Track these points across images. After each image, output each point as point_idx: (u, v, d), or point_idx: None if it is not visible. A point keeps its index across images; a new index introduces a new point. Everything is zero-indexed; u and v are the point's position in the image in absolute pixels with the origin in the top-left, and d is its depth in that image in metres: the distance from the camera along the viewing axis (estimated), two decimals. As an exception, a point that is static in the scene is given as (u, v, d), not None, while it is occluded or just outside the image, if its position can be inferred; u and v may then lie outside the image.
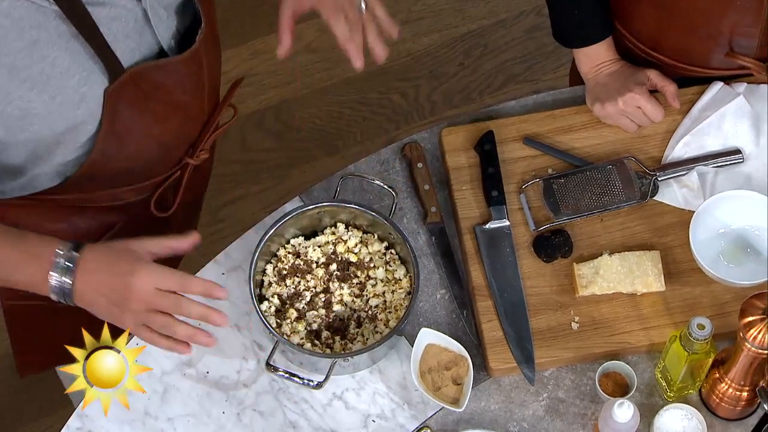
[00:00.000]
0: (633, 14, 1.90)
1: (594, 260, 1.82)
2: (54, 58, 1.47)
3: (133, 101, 1.58)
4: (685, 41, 1.88)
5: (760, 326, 1.55)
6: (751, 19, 1.79)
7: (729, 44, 1.86)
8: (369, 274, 1.82)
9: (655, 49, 1.92)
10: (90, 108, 1.55)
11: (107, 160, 1.64)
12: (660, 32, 1.89)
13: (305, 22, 3.10)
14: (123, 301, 1.52)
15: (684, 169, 1.88)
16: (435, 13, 3.14)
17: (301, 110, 3.04)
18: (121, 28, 1.52)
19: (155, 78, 1.59)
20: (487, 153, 1.91)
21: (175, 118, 1.69)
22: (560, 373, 1.80)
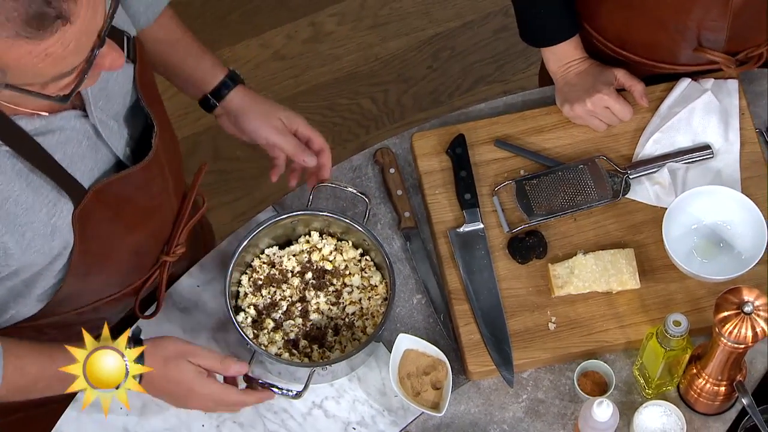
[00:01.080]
0: (599, 12, 1.90)
1: (569, 260, 1.82)
2: (17, 196, 1.44)
3: (102, 218, 1.56)
4: (653, 38, 1.89)
5: (736, 321, 1.56)
6: (718, 13, 1.80)
7: (697, 39, 1.87)
8: (345, 282, 1.82)
9: (622, 46, 1.93)
10: (64, 237, 1.52)
11: (85, 279, 1.62)
12: (627, 30, 1.90)
13: (273, 29, 3.14)
14: (184, 404, 1.69)
15: (655, 166, 1.89)
16: (402, 17, 3.14)
17: (271, 118, 3.03)
18: (75, 150, 1.50)
19: (119, 191, 1.56)
20: (459, 156, 1.91)
21: (147, 223, 1.67)
22: (539, 374, 1.80)
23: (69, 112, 1.49)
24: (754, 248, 1.78)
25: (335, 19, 3.14)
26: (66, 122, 1.48)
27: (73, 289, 1.62)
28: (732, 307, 1.57)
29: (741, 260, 1.80)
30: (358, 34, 3.12)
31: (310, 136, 1.83)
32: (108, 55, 1.34)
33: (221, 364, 1.65)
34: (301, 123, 1.83)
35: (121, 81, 1.57)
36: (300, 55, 3.11)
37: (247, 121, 1.80)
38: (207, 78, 1.80)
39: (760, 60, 1.90)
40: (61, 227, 1.51)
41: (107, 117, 1.54)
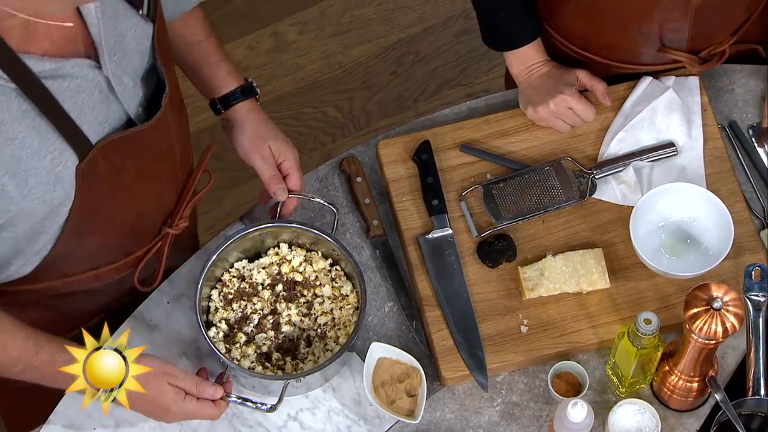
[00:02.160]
0: (562, 15, 1.91)
1: (538, 262, 1.83)
2: (22, 138, 1.42)
3: (106, 176, 1.54)
4: (616, 39, 1.90)
5: (706, 317, 1.57)
6: (680, 14, 1.81)
7: (660, 40, 1.88)
8: (315, 293, 1.81)
9: (585, 48, 1.93)
10: (65, 189, 1.50)
11: (82, 238, 1.60)
12: (590, 32, 1.91)
13: (234, 41, 3.13)
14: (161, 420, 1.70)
15: (620, 166, 1.90)
16: (363, 24, 3.14)
17: (236, 130, 3.02)
18: (86, 100, 1.48)
19: (126, 149, 1.55)
20: (425, 162, 1.91)
21: (150, 187, 1.65)
22: (513, 377, 1.81)
23: (82, 60, 1.46)
24: (721, 243, 1.79)
25: (297, 28, 3.14)
26: (78, 70, 1.46)
27: (69, 247, 1.60)
28: (701, 303, 1.58)
29: (708, 256, 1.81)
30: (320, 43, 3.12)
31: (291, 173, 1.82)
32: None
33: (197, 388, 1.66)
34: (289, 157, 1.82)
35: (138, 38, 1.54)
36: (263, 66, 3.10)
37: (239, 137, 1.81)
38: (220, 85, 1.81)
39: (723, 57, 1.92)
40: (64, 178, 1.48)
41: (122, 72, 1.52)
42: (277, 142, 1.81)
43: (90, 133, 1.49)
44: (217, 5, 3.16)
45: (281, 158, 1.81)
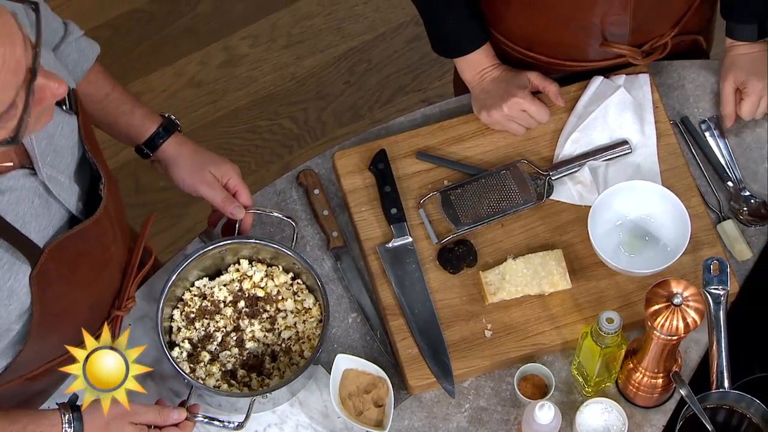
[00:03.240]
0: (504, 17, 1.92)
1: (499, 266, 1.83)
2: None
3: (59, 276, 1.53)
4: (559, 36, 1.91)
5: (667, 313, 1.58)
6: (620, 7, 1.83)
7: (602, 34, 1.89)
8: (278, 307, 1.81)
9: (530, 48, 1.94)
10: (21, 301, 1.49)
11: (44, 341, 1.59)
12: (533, 31, 1.92)
13: (186, 57, 3.12)
14: None
15: (576, 166, 1.91)
16: (314, 34, 3.14)
17: (192, 146, 3.00)
18: (27, 210, 1.47)
19: (74, 246, 1.54)
20: (382, 172, 1.91)
21: (102, 276, 1.64)
22: (479, 382, 1.81)
23: (17, 171, 1.46)
24: (678, 239, 1.80)
25: (248, 41, 3.13)
26: (15, 182, 1.45)
27: (31, 353, 1.59)
28: (662, 300, 1.59)
29: (667, 252, 1.82)
30: (272, 55, 3.11)
31: (239, 189, 1.82)
32: (46, 87, 1.30)
33: (161, 416, 1.65)
34: (233, 175, 1.82)
35: (66, 134, 1.54)
36: (216, 81, 3.09)
37: (178, 173, 1.80)
38: (141, 131, 1.80)
39: (666, 49, 1.93)
40: (17, 290, 1.47)
41: (57, 173, 1.51)
42: (216, 165, 1.81)
43: (37, 239, 1.49)
44: (166, 22, 3.14)
45: (225, 178, 1.81)
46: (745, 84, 1.90)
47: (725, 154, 1.93)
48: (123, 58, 3.07)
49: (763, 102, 1.90)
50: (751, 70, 1.90)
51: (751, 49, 1.92)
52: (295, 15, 3.15)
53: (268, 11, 3.15)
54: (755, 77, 1.89)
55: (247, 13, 3.15)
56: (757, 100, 1.90)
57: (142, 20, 3.15)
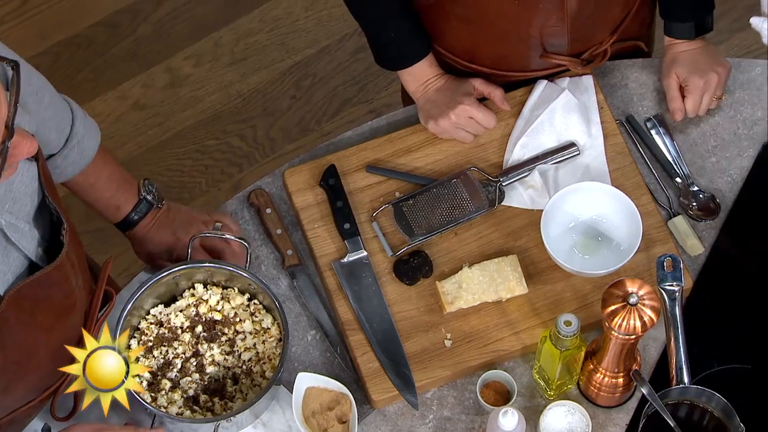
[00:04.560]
0: (445, 32, 1.93)
1: (455, 275, 1.83)
2: None
3: (20, 324, 1.51)
4: (499, 49, 1.91)
5: (623, 313, 1.59)
6: (557, 19, 1.84)
7: (542, 46, 1.91)
8: (236, 329, 1.79)
9: (472, 61, 1.95)
10: None
11: (6, 391, 1.57)
12: (473, 45, 1.92)
13: (129, 80, 3.09)
14: None
15: (525, 170, 1.92)
16: (258, 51, 3.13)
17: (141, 170, 2.99)
18: None
19: (35, 293, 1.52)
20: (333, 187, 1.91)
21: (64, 322, 1.62)
22: (442, 392, 1.81)
23: None
24: (631, 238, 1.82)
25: (191, 61, 3.11)
26: None
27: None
28: (618, 300, 1.60)
29: (620, 251, 1.83)
30: (216, 74, 3.10)
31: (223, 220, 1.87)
32: (21, 144, 1.30)
33: None
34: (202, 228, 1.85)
35: (27, 181, 1.52)
36: (161, 103, 3.07)
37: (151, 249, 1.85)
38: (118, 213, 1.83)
39: (606, 56, 1.95)
40: None
41: (17, 219, 1.49)
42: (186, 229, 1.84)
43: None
44: (107, 47, 3.12)
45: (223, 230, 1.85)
46: (686, 81, 1.92)
47: (672, 150, 1.95)
48: (65, 84, 3.04)
49: (705, 98, 1.92)
50: (691, 67, 1.92)
51: (690, 46, 1.94)
52: (236, 33, 3.14)
53: (209, 30, 3.14)
54: (696, 74, 1.91)
55: (188, 33, 3.14)
56: (699, 96, 1.92)
57: (83, 46, 3.12)
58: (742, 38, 3.04)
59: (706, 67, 1.92)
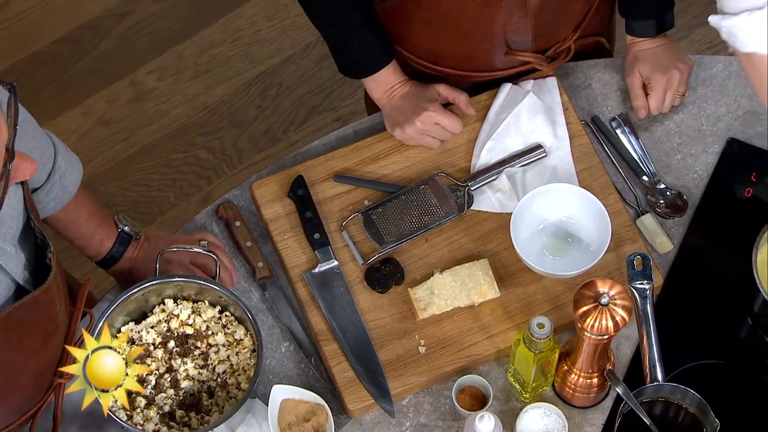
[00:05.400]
0: (408, 35, 1.93)
1: (427, 281, 1.84)
2: None
3: (7, 347, 1.50)
4: (464, 49, 1.92)
5: (595, 314, 1.59)
6: (520, 15, 1.84)
7: (506, 44, 1.91)
8: (209, 342, 1.79)
9: (437, 62, 1.95)
10: None
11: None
12: (438, 46, 1.93)
13: (93, 96, 3.08)
14: None
15: (493, 174, 1.92)
16: (222, 62, 3.12)
17: (108, 186, 2.97)
18: None
19: (23, 316, 1.50)
20: (301, 198, 1.91)
21: (48, 345, 1.61)
22: (418, 398, 1.81)
23: None
24: (600, 238, 1.82)
25: (155, 75, 3.10)
26: None
27: None
28: (589, 301, 1.60)
29: (590, 251, 1.84)
30: (181, 87, 3.09)
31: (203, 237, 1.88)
32: (21, 166, 1.30)
33: None
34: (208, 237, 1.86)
35: (13, 204, 1.51)
36: (126, 117, 3.05)
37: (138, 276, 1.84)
38: (102, 248, 1.83)
39: (570, 53, 1.96)
40: None
41: (3, 242, 1.48)
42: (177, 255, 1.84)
43: None
44: (70, 63, 3.10)
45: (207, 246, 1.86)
46: (649, 79, 1.93)
47: (637, 149, 1.96)
48: (30, 102, 3.02)
49: (668, 95, 1.94)
50: (653, 65, 1.93)
51: (652, 44, 1.95)
52: (199, 45, 3.13)
53: (172, 43, 3.13)
54: (658, 72, 1.93)
55: (151, 47, 3.12)
56: (662, 94, 1.93)
57: (46, 62, 3.11)
58: (703, 34, 3.07)
59: (669, 64, 1.93)
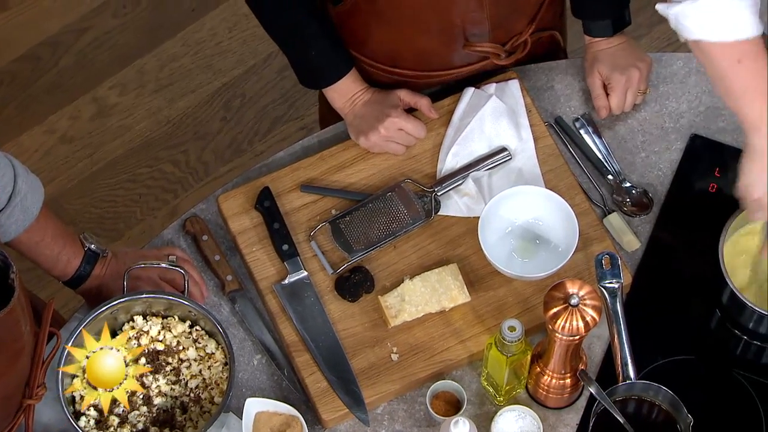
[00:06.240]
0: (366, 39, 1.93)
1: (397, 288, 1.83)
2: None
3: None
4: (422, 45, 1.92)
5: (565, 315, 1.60)
6: (475, 3, 1.84)
7: (463, 36, 1.91)
8: (180, 357, 1.78)
9: (396, 65, 1.95)
10: None
11: None
12: (395, 46, 1.92)
13: (55, 113, 3.05)
14: None
15: (459, 179, 1.92)
16: (184, 75, 3.11)
17: (73, 203, 2.95)
18: None
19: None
20: (268, 209, 1.90)
21: (15, 366, 1.59)
22: (392, 406, 1.81)
23: None
24: (568, 238, 1.83)
25: (116, 90, 3.08)
26: None
27: None
28: (559, 302, 1.61)
29: (559, 252, 1.84)
30: (144, 101, 3.07)
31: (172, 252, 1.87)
32: None
33: None
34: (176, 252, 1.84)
35: None
36: (89, 134, 3.03)
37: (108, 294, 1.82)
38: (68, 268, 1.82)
39: (527, 47, 1.96)
40: None
41: None
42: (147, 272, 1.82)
43: None
44: (30, 81, 3.08)
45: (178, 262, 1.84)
46: (609, 79, 1.94)
47: (602, 148, 1.97)
48: (-10, 123, 3.00)
49: (629, 94, 1.95)
50: (612, 64, 1.94)
51: (610, 43, 1.96)
52: (160, 58, 3.12)
53: (133, 58, 3.11)
54: (617, 71, 1.93)
55: (112, 62, 3.11)
56: (623, 93, 1.94)
57: (5, 81, 3.08)
58: (663, 31, 3.08)
59: (627, 63, 1.94)
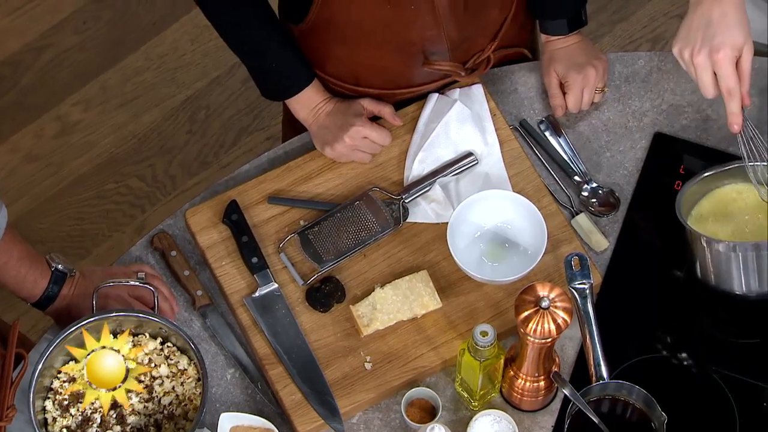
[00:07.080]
0: (325, 56, 1.92)
1: (368, 297, 1.83)
2: None
3: None
4: (383, 63, 1.91)
5: (537, 318, 1.60)
6: (432, 21, 1.84)
7: (423, 54, 1.91)
8: (152, 375, 1.77)
9: (358, 84, 1.95)
10: None
11: None
12: (357, 65, 1.92)
13: (18, 132, 3.03)
14: None
15: (426, 185, 1.92)
16: (147, 89, 3.09)
17: (40, 222, 2.93)
18: None
19: None
20: (236, 223, 1.89)
21: None
22: (367, 415, 1.80)
23: None
24: (537, 241, 1.83)
25: (80, 107, 3.06)
26: None
27: None
28: (530, 306, 1.61)
29: (528, 255, 1.85)
30: (108, 117, 3.06)
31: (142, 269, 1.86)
32: None
33: None
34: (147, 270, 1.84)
35: None
36: (53, 152, 3.01)
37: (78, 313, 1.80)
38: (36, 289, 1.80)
39: (490, 63, 1.96)
40: None
41: None
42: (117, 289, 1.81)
43: None
44: (-9, 100, 3.06)
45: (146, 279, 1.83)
46: (565, 78, 1.95)
47: (567, 150, 1.98)
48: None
49: (586, 93, 1.95)
50: (568, 63, 1.95)
51: (566, 42, 1.96)
52: (123, 73, 3.10)
53: (95, 73, 3.09)
54: (573, 70, 1.94)
55: (74, 78, 3.09)
56: (579, 92, 1.94)
57: (-33, 102, 3.06)
58: (624, 29, 3.10)
59: (584, 61, 1.95)
